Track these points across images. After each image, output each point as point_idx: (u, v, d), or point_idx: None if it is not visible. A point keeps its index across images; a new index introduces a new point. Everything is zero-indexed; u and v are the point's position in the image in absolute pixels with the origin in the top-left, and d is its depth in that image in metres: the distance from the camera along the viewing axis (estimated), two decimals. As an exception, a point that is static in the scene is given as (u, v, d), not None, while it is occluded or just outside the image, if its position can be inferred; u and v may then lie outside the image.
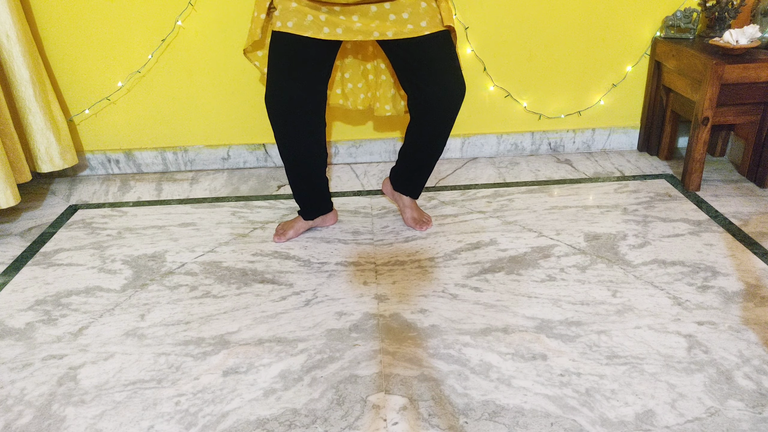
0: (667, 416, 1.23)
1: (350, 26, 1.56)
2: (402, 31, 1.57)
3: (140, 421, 1.27)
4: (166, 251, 1.90)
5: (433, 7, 1.60)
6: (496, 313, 1.56)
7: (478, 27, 2.29)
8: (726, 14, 2.21)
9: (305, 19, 1.56)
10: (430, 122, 1.75)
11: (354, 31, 1.56)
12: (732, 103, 2.08)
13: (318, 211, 1.95)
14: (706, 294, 1.61)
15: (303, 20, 1.56)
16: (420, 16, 1.57)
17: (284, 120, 1.70)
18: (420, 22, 1.57)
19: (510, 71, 2.39)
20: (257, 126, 2.44)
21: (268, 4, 1.62)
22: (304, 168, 1.81)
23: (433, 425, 1.23)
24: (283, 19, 1.57)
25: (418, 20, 1.57)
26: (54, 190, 2.38)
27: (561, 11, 2.29)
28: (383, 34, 1.57)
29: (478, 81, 2.40)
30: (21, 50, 2.05)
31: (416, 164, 1.87)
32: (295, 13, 1.56)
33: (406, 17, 1.56)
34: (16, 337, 1.54)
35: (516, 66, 2.38)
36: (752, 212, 2.02)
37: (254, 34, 1.69)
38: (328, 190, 1.94)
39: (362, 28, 1.56)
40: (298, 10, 1.56)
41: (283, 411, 1.28)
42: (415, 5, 1.56)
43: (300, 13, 1.56)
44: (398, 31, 1.57)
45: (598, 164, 2.45)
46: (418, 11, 1.57)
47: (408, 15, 1.56)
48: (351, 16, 1.56)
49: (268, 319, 1.57)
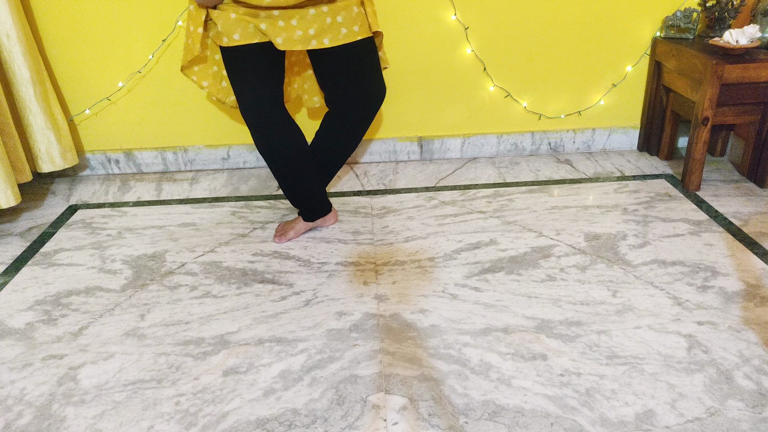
0: (667, 416, 1.23)
1: (291, 35, 1.59)
2: (337, 38, 1.62)
3: (140, 421, 1.27)
4: (166, 251, 1.90)
5: (362, 12, 1.65)
6: (496, 313, 1.56)
7: (478, 27, 2.29)
8: (726, 14, 2.21)
9: (248, 28, 1.59)
10: (348, 122, 1.80)
11: (294, 40, 1.59)
12: (732, 103, 2.08)
13: (319, 212, 1.96)
14: (706, 294, 1.61)
15: (246, 30, 1.59)
16: (353, 21, 1.63)
17: (266, 127, 1.72)
18: (353, 26, 1.63)
19: (510, 71, 2.39)
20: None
21: (204, 18, 1.64)
22: (297, 170, 1.81)
23: (433, 425, 1.23)
24: (229, 33, 1.59)
25: (351, 25, 1.62)
26: (54, 190, 2.38)
27: (561, 11, 2.29)
28: (321, 42, 1.61)
29: (478, 81, 2.40)
30: (21, 50, 2.05)
31: (326, 162, 1.89)
32: (237, 23, 1.58)
33: (341, 21, 1.61)
34: (16, 337, 1.54)
35: (516, 66, 2.38)
36: (752, 212, 2.02)
37: (194, 50, 1.71)
38: (324, 191, 1.94)
39: (302, 37, 1.60)
40: (238, 20, 1.58)
41: (283, 411, 1.28)
42: (349, 9, 1.62)
43: (242, 22, 1.58)
44: (334, 37, 1.62)
45: (598, 164, 2.45)
46: (351, 15, 1.62)
47: (342, 18, 1.61)
48: (290, 21, 1.58)
49: (268, 319, 1.57)
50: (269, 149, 1.76)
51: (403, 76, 2.36)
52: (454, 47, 2.32)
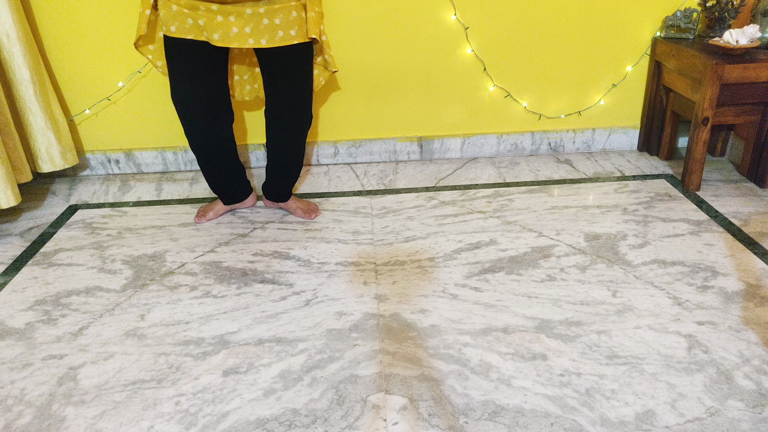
0: (667, 416, 1.23)
1: (227, 32, 1.64)
2: (274, 39, 1.67)
3: (140, 421, 1.27)
4: (166, 251, 1.90)
5: (302, 17, 1.69)
6: (496, 313, 1.56)
7: (478, 27, 2.29)
8: (726, 14, 2.21)
9: (186, 22, 1.64)
10: (280, 131, 1.89)
11: (230, 37, 1.65)
12: (732, 103, 2.08)
13: (235, 198, 2.08)
14: (706, 294, 1.61)
15: (184, 24, 1.65)
16: (290, 24, 1.67)
17: (190, 117, 1.82)
18: (290, 30, 1.67)
19: (510, 71, 2.39)
20: (257, 126, 2.44)
21: (152, 2, 1.71)
22: (215, 160, 1.93)
23: (433, 425, 1.23)
24: (167, 24, 1.66)
25: (288, 28, 1.67)
26: (54, 190, 2.38)
27: (561, 11, 2.29)
28: (257, 41, 1.66)
29: (478, 81, 2.40)
30: (21, 50, 2.05)
31: (279, 172, 1.99)
32: (175, 17, 1.65)
33: (278, 23, 1.65)
34: (16, 337, 1.54)
35: (516, 66, 2.38)
36: (752, 212, 2.02)
37: (140, 30, 1.77)
38: (243, 175, 2.05)
39: (239, 34, 1.64)
40: (178, 13, 1.64)
41: (283, 411, 1.28)
42: (287, 12, 1.66)
43: (180, 16, 1.64)
44: (270, 38, 1.67)
45: (598, 164, 2.45)
46: (289, 18, 1.66)
47: (280, 21, 1.65)
48: (227, 17, 1.63)
49: (268, 319, 1.57)
50: (191, 141, 1.88)
51: (403, 76, 2.36)
52: (454, 47, 2.32)
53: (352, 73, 2.34)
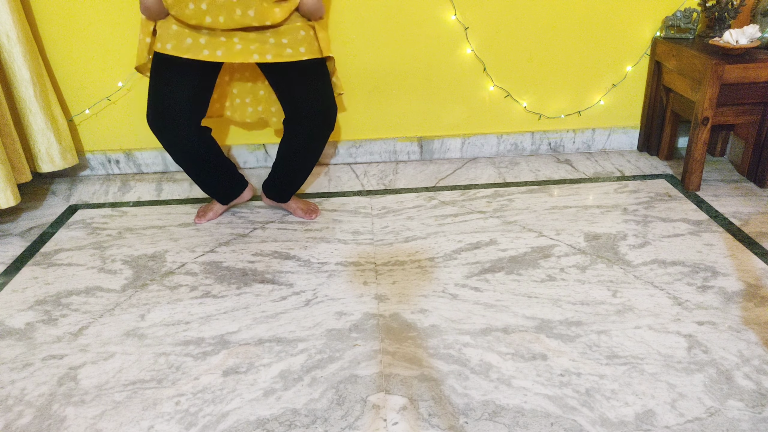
0: (667, 416, 1.23)
1: (231, 48, 1.63)
2: (281, 55, 1.66)
3: (140, 421, 1.27)
4: (166, 251, 1.90)
5: (312, 35, 1.69)
6: (496, 313, 1.56)
7: (478, 27, 2.29)
8: (726, 14, 2.21)
9: (184, 42, 1.63)
10: (304, 137, 1.85)
11: (234, 53, 1.64)
12: (732, 103, 2.08)
13: (230, 196, 2.05)
14: (706, 294, 1.61)
15: (182, 43, 1.63)
16: (299, 43, 1.66)
17: (164, 134, 1.78)
18: (299, 48, 1.66)
19: (510, 71, 2.39)
20: (257, 126, 2.44)
21: (152, 28, 1.68)
22: (199, 167, 1.89)
23: (433, 425, 1.23)
24: (163, 42, 1.65)
25: (298, 46, 1.66)
26: (54, 190, 2.38)
27: (561, 11, 2.29)
28: (263, 56, 1.65)
29: (478, 81, 2.40)
30: (21, 50, 2.05)
31: (288, 176, 1.97)
32: (174, 35, 1.63)
33: (286, 42, 1.65)
34: (16, 337, 1.54)
35: (516, 66, 2.38)
36: (752, 212, 2.02)
37: (142, 58, 1.76)
38: (234, 170, 2.01)
39: (243, 50, 1.64)
40: (178, 32, 1.63)
41: (283, 411, 1.28)
42: (294, 32, 1.65)
43: (180, 35, 1.63)
44: (277, 54, 1.65)
45: (598, 164, 2.45)
46: (297, 38, 1.66)
47: (288, 41, 1.65)
48: (232, 38, 1.63)
49: (268, 319, 1.57)
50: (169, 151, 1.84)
51: (403, 76, 2.36)
52: (454, 47, 2.32)
53: (352, 73, 2.34)
